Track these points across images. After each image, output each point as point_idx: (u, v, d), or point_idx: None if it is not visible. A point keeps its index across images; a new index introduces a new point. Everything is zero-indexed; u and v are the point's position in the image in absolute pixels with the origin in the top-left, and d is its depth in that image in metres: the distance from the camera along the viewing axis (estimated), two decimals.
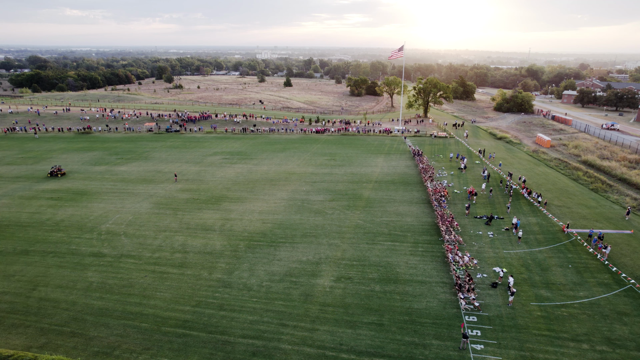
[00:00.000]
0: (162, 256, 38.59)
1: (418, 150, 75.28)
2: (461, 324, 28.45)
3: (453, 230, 42.48)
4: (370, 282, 34.15)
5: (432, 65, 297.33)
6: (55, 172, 63.85)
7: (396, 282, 34.10)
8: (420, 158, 70.48)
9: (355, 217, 47.12)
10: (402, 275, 35.00)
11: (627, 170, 63.98)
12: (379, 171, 65.38)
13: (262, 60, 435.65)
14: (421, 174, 61.89)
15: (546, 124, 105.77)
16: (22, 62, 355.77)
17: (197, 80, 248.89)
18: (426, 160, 69.75)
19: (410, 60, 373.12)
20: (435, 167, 67.53)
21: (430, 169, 64.00)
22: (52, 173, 63.71)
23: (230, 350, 26.67)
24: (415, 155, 72.73)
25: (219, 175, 63.63)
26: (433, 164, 69.43)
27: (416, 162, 69.53)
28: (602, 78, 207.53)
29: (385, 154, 76.73)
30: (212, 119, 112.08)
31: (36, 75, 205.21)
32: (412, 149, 78.37)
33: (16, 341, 27.62)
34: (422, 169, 63.94)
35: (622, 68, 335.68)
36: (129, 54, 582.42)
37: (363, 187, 57.26)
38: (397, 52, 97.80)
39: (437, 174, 63.24)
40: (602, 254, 38.01)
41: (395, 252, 38.93)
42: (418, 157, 71.12)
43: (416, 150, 76.07)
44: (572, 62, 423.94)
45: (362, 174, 63.51)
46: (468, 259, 37.22)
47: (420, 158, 70.52)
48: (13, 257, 38.79)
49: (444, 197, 51.58)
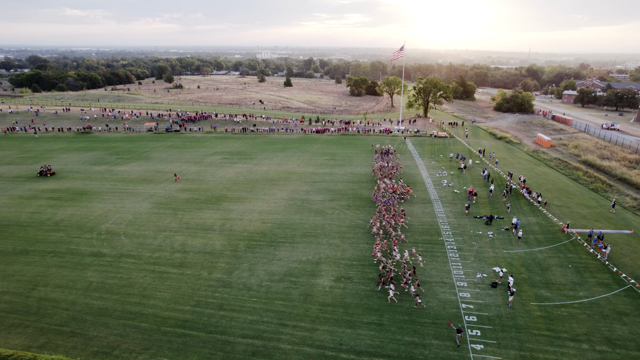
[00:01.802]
0: (162, 256, 38.58)
1: (389, 149, 75.65)
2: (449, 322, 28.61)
3: (398, 226, 43.27)
4: (370, 282, 34.13)
5: (432, 65, 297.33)
6: (44, 171, 63.91)
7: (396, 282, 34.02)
8: (389, 157, 70.91)
9: (355, 217, 47.10)
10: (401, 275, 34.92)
11: (627, 170, 63.96)
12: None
13: (262, 60, 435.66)
14: (375, 172, 62.18)
15: (546, 124, 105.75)
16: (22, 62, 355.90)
17: (197, 80, 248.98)
18: (395, 158, 70.65)
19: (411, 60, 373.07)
20: (435, 167, 67.53)
21: (395, 167, 64.44)
22: (41, 172, 63.76)
23: (230, 350, 26.66)
24: (384, 154, 72.68)
25: (218, 175, 63.63)
26: (433, 164, 69.43)
27: (374, 161, 69.91)
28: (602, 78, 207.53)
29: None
30: (212, 118, 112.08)
31: (36, 75, 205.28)
32: (385, 147, 77.91)
33: (16, 341, 27.61)
34: (379, 167, 64.09)
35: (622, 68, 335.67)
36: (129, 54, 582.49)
37: (363, 187, 57.22)
38: (398, 52, 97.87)
39: (437, 174, 63.24)
40: (602, 253, 37.98)
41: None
42: (387, 156, 71.41)
43: (386, 148, 76.30)
44: (572, 62, 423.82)
45: (362, 174, 63.48)
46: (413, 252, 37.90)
47: (387, 157, 70.82)
48: (13, 256, 38.78)
49: (400, 195, 52.28)
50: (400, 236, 41.23)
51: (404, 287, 32.56)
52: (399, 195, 52.40)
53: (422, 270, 35.76)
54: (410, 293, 31.86)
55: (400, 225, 43.93)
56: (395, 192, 52.90)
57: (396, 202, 49.67)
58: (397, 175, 61.93)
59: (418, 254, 37.78)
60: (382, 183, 55.85)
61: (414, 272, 34.84)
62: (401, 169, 65.17)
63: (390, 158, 70.55)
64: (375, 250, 37.90)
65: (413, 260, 37.15)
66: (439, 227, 44.21)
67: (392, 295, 31.39)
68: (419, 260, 36.78)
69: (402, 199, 51.88)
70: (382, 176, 59.81)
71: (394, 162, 68.26)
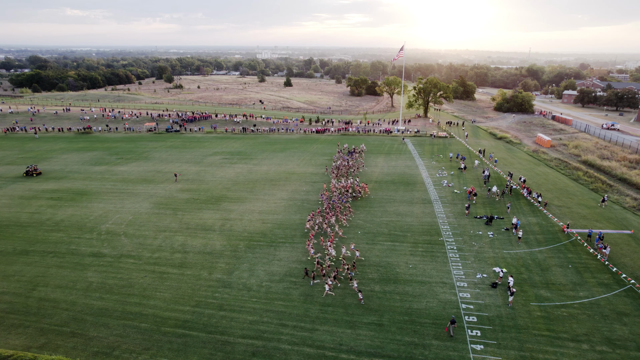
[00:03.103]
0: (162, 256, 38.58)
1: (354, 149, 76.08)
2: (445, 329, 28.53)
3: (338, 224, 44.17)
4: (370, 282, 34.13)
5: (432, 65, 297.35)
6: (30, 171, 63.95)
7: (396, 282, 34.07)
8: (353, 156, 71.15)
9: (355, 217, 47.08)
10: (401, 276, 34.97)
11: (627, 170, 63.95)
12: (379, 171, 65.35)
13: (262, 60, 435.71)
14: (331, 171, 62.70)
15: (546, 124, 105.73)
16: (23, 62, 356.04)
17: (197, 80, 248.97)
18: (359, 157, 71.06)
19: (411, 60, 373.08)
20: (435, 167, 67.52)
21: (355, 167, 65.23)
22: (27, 172, 63.81)
23: (230, 350, 26.65)
24: (350, 154, 73.08)
25: (219, 175, 63.62)
26: (433, 164, 69.41)
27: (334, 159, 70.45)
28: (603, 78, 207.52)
29: (385, 154, 76.70)
30: (212, 118, 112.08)
31: (36, 75, 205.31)
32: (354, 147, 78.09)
33: (16, 341, 27.60)
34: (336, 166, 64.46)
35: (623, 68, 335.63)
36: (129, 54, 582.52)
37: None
38: (399, 53, 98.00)
39: (437, 174, 63.23)
40: (602, 254, 37.97)
41: (395, 252, 38.91)
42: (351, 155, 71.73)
43: (353, 148, 76.62)
44: (572, 62, 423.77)
45: (362, 174, 63.44)
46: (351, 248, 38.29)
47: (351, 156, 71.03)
48: (13, 257, 38.78)
49: (354, 193, 52.81)
50: (338, 233, 41.95)
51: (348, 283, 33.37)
52: (352, 194, 52.91)
53: (422, 271, 35.77)
54: (354, 289, 32.53)
55: (341, 222, 44.82)
56: (348, 191, 53.39)
57: (345, 200, 50.40)
58: (355, 174, 62.57)
59: (356, 249, 38.34)
60: (335, 182, 56.28)
61: (354, 267, 35.43)
62: (363, 168, 66.20)
63: (353, 157, 70.84)
64: (308, 246, 38.62)
65: (351, 255, 37.77)
66: (439, 227, 44.20)
67: (329, 290, 32.13)
68: (357, 255, 37.40)
69: (354, 198, 52.45)
70: (336, 175, 60.45)
71: (356, 161, 68.74)
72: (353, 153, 73.55)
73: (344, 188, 53.96)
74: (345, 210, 47.67)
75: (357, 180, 57.81)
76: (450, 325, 27.61)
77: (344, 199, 50.81)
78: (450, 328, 27.60)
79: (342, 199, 50.24)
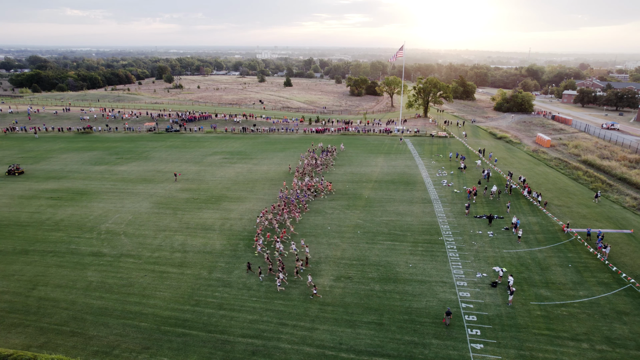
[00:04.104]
0: (162, 255, 38.58)
1: (328, 148, 76.78)
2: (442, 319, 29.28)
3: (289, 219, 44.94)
4: (370, 281, 34.13)
5: (432, 65, 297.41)
6: (12, 170, 64.18)
7: (396, 281, 34.08)
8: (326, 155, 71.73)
9: (355, 216, 47.10)
10: (401, 275, 34.98)
11: (627, 169, 63.97)
12: (379, 171, 65.36)
13: (262, 60, 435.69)
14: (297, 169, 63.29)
15: (546, 124, 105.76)
16: (22, 62, 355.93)
17: (197, 80, 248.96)
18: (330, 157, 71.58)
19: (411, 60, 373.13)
20: (435, 166, 67.53)
21: (324, 164, 66.02)
22: (9, 172, 64.01)
23: (229, 349, 26.65)
24: (324, 152, 73.93)
25: (218, 175, 63.62)
26: (433, 163, 69.42)
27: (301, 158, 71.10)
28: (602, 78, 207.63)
29: (385, 154, 76.70)
30: (212, 118, 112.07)
31: (36, 75, 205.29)
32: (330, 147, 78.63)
33: (15, 340, 27.61)
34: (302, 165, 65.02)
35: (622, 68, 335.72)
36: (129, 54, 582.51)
37: (363, 187, 57.23)
38: (398, 52, 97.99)
39: (436, 174, 63.24)
40: (602, 253, 37.98)
41: (394, 252, 38.91)
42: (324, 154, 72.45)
43: (327, 148, 77.31)
44: (572, 62, 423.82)
45: (362, 174, 63.48)
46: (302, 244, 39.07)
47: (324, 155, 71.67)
48: (12, 256, 38.78)
49: (314, 193, 53.18)
50: (290, 228, 42.57)
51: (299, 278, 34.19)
52: (313, 193, 53.34)
53: (422, 270, 35.77)
54: (307, 283, 33.01)
55: (293, 218, 45.71)
56: (310, 189, 53.88)
57: (304, 199, 50.84)
58: (320, 172, 63.03)
59: (306, 245, 38.81)
60: (296, 180, 56.85)
61: (306, 263, 36.12)
62: (332, 167, 66.74)
63: (322, 157, 71.10)
64: (256, 242, 39.41)
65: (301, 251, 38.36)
66: (438, 227, 44.21)
67: (280, 284, 32.84)
68: (306, 252, 37.86)
69: (315, 196, 52.85)
70: (301, 174, 61.03)
71: (326, 160, 69.18)
72: (326, 152, 74.21)
73: (306, 186, 54.66)
74: (301, 207, 48.55)
75: (322, 178, 58.44)
76: (446, 317, 28.54)
77: (304, 197, 51.52)
78: (447, 319, 28.54)
79: (302, 197, 50.90)
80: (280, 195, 51.95)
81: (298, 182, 56.11)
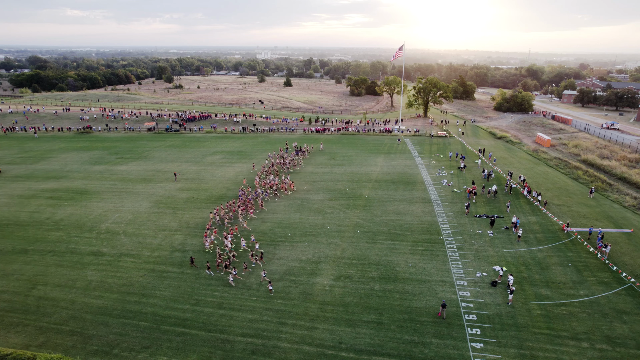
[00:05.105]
0: (162, 255, 38.54)
1: (301, 148, 77.04)
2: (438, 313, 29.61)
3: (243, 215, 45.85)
4: (370, 280, 34.10)
5: (432, 65, 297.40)
6: None
7: (396, 280, 34.04)
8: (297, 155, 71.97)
9: (355, 216, 47.07)
10: (401, 274, 34.95)
11: (627, 169, 63.95)
12: (379, 170, 65.33)
13: (262, 60, 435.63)
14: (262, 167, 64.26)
15: (546, 124, 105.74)
16: (22, 62, 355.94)
17: (197, 80, 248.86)
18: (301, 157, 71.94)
19: (410, 60, 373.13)
20: (435, 166, 67.50)
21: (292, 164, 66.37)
22: None
23: (229, 348, 26.61)
24: (297, 152, 74.44)
25: (218, 175, 63.58)
26: (433, 163, 69.39)
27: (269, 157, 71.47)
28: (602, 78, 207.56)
29: (385, 154, 76.68)
30: (211, 118, 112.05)
31: (36, 75, 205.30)
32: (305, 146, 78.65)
33: (15, 340, 27.56)
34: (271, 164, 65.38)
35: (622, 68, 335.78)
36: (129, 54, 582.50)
37: (363, 186, 57.21)
38: (398, 52, 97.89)
39: (436, 174, 63.21)
40: (603, 252, 37.95)
41: (394, 251, 38.88)
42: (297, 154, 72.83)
43: (300, 147, 77.45)
44: (572, 62, 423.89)
45: (361, 173, 63.45)
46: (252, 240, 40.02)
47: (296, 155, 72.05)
48: (12, 256, 38.74)
49: (275, 191, 53.40)
50: (242, 224, 43.59)
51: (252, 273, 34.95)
52: (275, 191, 53.58)
53: (421, 269, 35.73)
54: (262, 279, 33.73)
55: (247, 214, 46.46)
56: (272, 187, 54.38)
57: (261, 197, 51.17)
58: (286, 172, 63.17)
59: (256, 241, 39.56)
60: (258, 179, 57.30)
61: (261, 258, 36.81)
62: (301, 166, 66.93)
63: (292, 156, 71.21)
64: (205, 239, 39.94)
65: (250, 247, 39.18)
66: (438, 226, 44.18)
67: (232, 280, 33.42)
68: (256, 247, 38.47)
69: (275, 195, 53.20)
70: (265, 172, 61.62)
71: (295, 159, 69.44)
72: (299, 152, 74.57)
73: (268, 185, 55.09)
74: (256, 205, 49.29)
75: (287, 178, 58.66)
76: (442, 310, 28.83)
77: (263, 195, 52.07)
78: (443, 312, 28.82)
79: (261, 196, 51.30)
80: (240, 193, 52.36)
81: (259, 181, 56.72)
